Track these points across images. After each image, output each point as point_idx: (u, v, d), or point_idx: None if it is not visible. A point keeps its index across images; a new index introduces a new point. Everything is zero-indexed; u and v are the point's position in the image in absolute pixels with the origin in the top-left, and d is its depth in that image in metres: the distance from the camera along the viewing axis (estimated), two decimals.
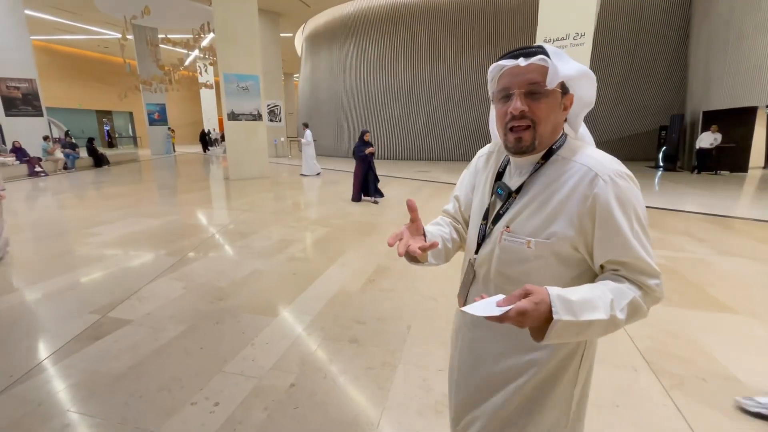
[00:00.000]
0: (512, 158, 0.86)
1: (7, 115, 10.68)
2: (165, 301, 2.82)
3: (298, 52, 21.98)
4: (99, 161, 13.02)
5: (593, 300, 0.66)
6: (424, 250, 0.76)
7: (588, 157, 0.76)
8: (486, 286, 0.88)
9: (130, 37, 14.65)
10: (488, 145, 0.99)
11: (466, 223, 1.01)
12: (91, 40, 19.92)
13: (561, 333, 0.64)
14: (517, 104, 0.75)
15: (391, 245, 0.79)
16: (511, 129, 0.77)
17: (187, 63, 14.22)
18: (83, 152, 13.08)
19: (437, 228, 0.96)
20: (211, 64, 15.39)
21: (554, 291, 0.65)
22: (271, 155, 13.59)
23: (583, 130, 0.87)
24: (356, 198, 6.83)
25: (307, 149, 10.21)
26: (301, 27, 18.67)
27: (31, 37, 11.15)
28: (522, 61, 0.75)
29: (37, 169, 10.38)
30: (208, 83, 15.14)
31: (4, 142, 10.82)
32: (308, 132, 10.17)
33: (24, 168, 10.21)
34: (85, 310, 2.68)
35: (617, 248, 0.72)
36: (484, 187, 0.92)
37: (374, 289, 3.07)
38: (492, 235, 0.85)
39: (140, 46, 16.01)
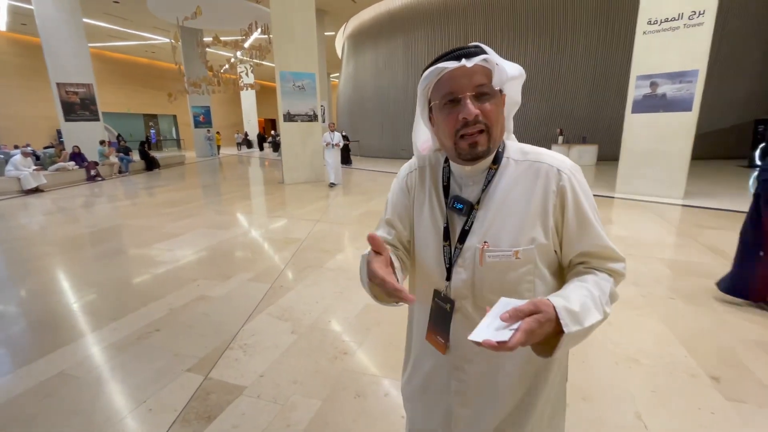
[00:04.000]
0: (460, 168, 0.76)
1: (66, 120, 10.77)
2: (277, 354, 2.19)
3: (338, 52, 21.56)
4: (150, 165, 13.05)
5: (588, 303, 0.63)
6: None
7: (543, 155, 0.74)
8: (471, 314, 0.76)
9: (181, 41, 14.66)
10: (410, 162, 0.88)
11: (406, 249, 0.86)
12: (139, 46, 20.36)
13: (569, 343, 0.60)
14: (470, 108, 0.67)
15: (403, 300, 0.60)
16: (462, 136, 0.68)
17: (232, 60, 13.97)
18: (135, 155, 13.14)
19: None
20: (257, 65, 15.18)
21: (559, 303, 0.60)
22: None
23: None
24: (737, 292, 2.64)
25: (335, 153, 8.50)
26: (343, 26, 18.20)
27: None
28: (467, 62, 0.68)
29: (93, 172, 10.36)
30: (253, 84, 14.88)
31: (63, 147, 10.92)
32: (338, 134, 8.45)
33: (82, 173, 10.22)
34: (179, 367, 2.09)
35: (589, 239, 0.71)
36: (431, 205, 0.80)
37: None
38: (465, 256, 0.74)
39: (188, 49, 16.04)
